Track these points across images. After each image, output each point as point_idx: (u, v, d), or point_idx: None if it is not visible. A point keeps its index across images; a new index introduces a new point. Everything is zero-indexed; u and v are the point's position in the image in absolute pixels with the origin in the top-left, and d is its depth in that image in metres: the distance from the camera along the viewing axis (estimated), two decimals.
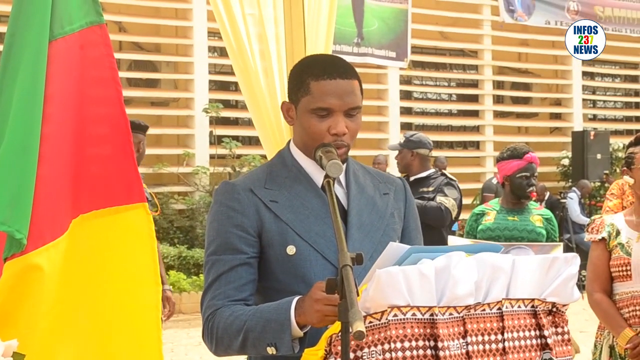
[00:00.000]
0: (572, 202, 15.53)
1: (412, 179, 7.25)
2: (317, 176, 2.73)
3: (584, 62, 19.78)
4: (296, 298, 2.52)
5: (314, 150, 2.68)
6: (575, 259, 2.62)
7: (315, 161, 2.69)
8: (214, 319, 2.63)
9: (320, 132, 2.67)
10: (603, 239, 4.47)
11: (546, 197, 15.36)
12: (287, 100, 2.80)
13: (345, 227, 2.70)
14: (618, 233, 4.46)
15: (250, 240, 2.67)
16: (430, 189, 7.16)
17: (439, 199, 7.03)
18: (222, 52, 15.79)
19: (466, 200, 15.99)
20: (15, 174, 2.56)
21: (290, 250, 2.65)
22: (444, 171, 7.69)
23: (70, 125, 2.70)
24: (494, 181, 14.47)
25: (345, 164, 2.75)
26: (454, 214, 7.05)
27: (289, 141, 2.85)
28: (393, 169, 14.66)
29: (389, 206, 2.83)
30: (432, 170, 7.41)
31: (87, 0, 2.78)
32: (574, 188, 16.39)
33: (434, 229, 6.83)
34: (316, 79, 2.68)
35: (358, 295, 2.31)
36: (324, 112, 2.66)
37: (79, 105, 2.72)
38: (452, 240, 3.98)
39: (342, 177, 2.77)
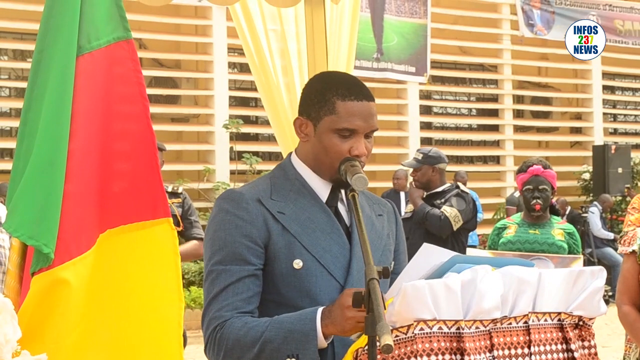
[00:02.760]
0: (594, 216, 15.45)
1: (428, 192, 7.31)
2: (322, 191, 2.73)
3: (604, 76, 19.73)
4: (321, 308, 2.51)
5: (338, 165, 2.67)
6: (601, 272, 2.62)
7: (339, 175, 2.68)
8: (222, 330, 2.60)
9: (342, 152, 2.67)
10: (634, 251, 4.45)
11: (567, 212, 15.29)
12: (299, 116, 2.77)
13: (350, 245, 2.69)
14: None
15: (257, 252, 2.65)
16: (442, 200, 7.21)
17: (443, 208, 7.09)
18: (242, 68, 15.84)
19: (487, 215, 15.97)
20: (42, 188, 2.57)
21: (297, 264, 2.64)
22: (459, 184, 7.70)
23: (97, 140, 2.71)
24: (517, 194, 14.45)
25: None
26: (455, 225, 7.09)
27: (290, 154, 2.84)
28: None
29: (385, 227, 2.85)
30: (448, 185, 7.46)
31: (114, 16, 2.79)
32: (595, 202, 16.31)
33: (437, 237, 6.90)
34: (343, 99, 2.68)
35: (384, 308, 2.31)
36: (347, 133, 2.67)
37: (105, 121, 2.74)
38: (472, 252, 3.97)
39: (343, 196, 2.77)
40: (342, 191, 2.75)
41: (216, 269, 2.66)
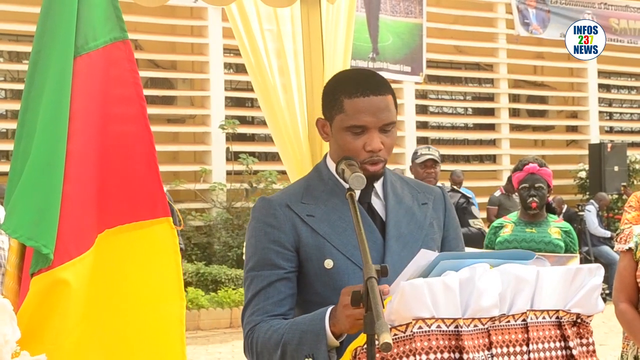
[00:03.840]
0: (590, 214, 15.47)
1: None
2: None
3: (600, 74, 19.76)
4: (330, 308, 2.52)
5: (336, 164, 2.69)
6: (599, 269, 2.62)
7: (337, 174, 2.70)
8: (253, 334, 2.65)
9: (356, 149, 2.67)
10: (630, 249, 4.45)
11: (564, 210, 15.31)
12: (321, 117, 2.80)
13: (384, 239, 2.70)
14: None
15: (287, 255, 2.68)
16: None
17: (473, 222, 7.06)
18: (238, 69, 15.85)
19: (483, 214, 15.97)
20: (41, 189, 2.58)
21: (328, 264, 2.66)
22: (443, 183, 7.74)
23: (95, 141, 2.71)
24: (497, 194, 14.56)
25: (382, 176, 2.76)
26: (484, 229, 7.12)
27: (326, 154, 2.85)
28: None
29: (428, 216, 2.82)
30: (439, 185, 7.48)
31: (111, 17, 2.80)
32: (591, 201, 16.32)
33: None
34: (349, 97, 2.68)
35: (383, 307, 2.32)
36: (359, 130, 2.67)
37: (103, 121, 2.74)
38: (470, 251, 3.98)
39: (379, 189, 2.77)
40: (375, 185, 2.75)
41: (250, 275, 2.71)
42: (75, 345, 2.61)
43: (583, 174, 18.72)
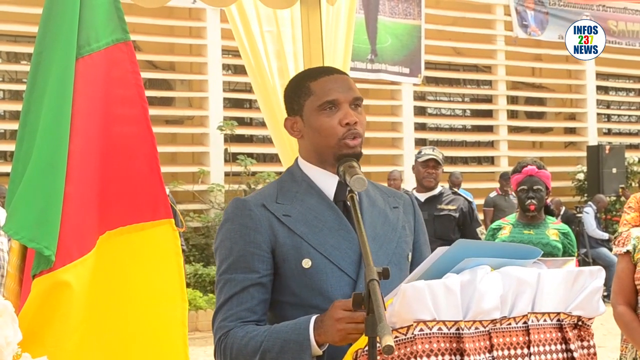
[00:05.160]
0: (588, 216, 15.48)
1: (429, 195, 7.26)
2: (328, 189, 2.76)
3: (598, 76, 19.77)
4: (314, 317, 2.53)
5: (337, 167, 2.69)
6: (600, 272, 2.62)
7: (338, 176, 2.71)
8: (226, 340, 2.63)
9: (332, 126, 2.70)
10: (628, 251, 4.45)
11: (562, 212, 15.32)
12: (287, 117, 2.83)
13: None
14: None
15: (263, 257, 2.67)
16: (451, 206, 7.18)
17: (480, 230, 7.07)
18: (237, 70, 15.84)
19: (481, 216, 15.97)
20: (43, 191, 2.57)
21: (306, 263, 2.65)
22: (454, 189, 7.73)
23: (97, 142, 2.71)
24: (492, 195, 14.59)
25: (361, 156, 2.77)
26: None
27: (297, 158, 2.87)
28: (408, 185, 14.65)
29: (400, 219, 2.85)
30: (441, 187, 7.46)
31: (113, 18, 2.80)
32: (589, 202, 16.33)
33: (446, 240, 6.90)
34: (315, 79, 2.76)
35: (385, 309, 2.32)
36: (331, 106, 2.71)
37: (105, 123, 2.74)
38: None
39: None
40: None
41: (223, 278, 2.70)
42: (77, 347, 2.61)
43: (581, 176, 18.72)
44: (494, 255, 2.50)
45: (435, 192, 7.29)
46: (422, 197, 7.26)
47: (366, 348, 2.32)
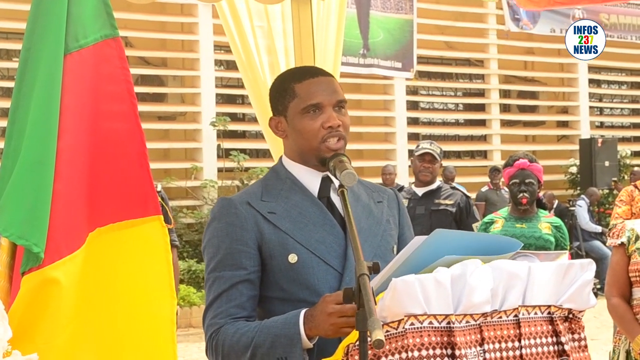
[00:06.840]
0: (581, 209, 15.51)
1: (427, 189, 7.23)
2: (312, 185, 2.79)
3: (590, 69, 19.80)
4: (303, 311, 2.55)
5: (327, 162, 2.71)
6: (590, 265, 2.63)
7: (328, 171, 2.74)
8: (217, 337, 2.66)
9: (315, 129, 2.73)
10: (622, 243, 4.47)
11: (554, 205, 15.34)
12: (272, 116, 2.86)
13: (344, 234, 2.73)
14: (638, 238, 4.45)
15: (250, 254, 2.70)
16: (448, 201, 7.18)
17: (476, 226, 7.07)
18: (229, 66, 15.83)
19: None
20: (31, 188, 2.57)
21: (292, 258, 2.69)
22: (453, 183, 7.71)
23: (86, 138, 2.70)
24: (484, 189, 14.62)
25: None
26: None
27: (281, 156, 2.89)
28: (401, 180, 14.67)
29: (384, 213, 2.88)
30: (439, 181, 7.45)
31: (101, 14, 2.79)
32: (582, 196, 16.37)
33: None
34: (299, 81, 2.78)
35: (375, 304, 2.32)
36: (315, 109, 2.73)
37: (94, 119, 2.73)
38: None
39: (337, 185, 2.79)
40: (334, 180, 2.77)
41: (212, 276, 2.73)
42: (67, 344, 2.60)
43: (574, 169, 18.75)
44: (472, 247, 2.51)
45: (434, 186, 7.28)
46: (420, 191, 7.25)
47: (357, 342, 2.32)
